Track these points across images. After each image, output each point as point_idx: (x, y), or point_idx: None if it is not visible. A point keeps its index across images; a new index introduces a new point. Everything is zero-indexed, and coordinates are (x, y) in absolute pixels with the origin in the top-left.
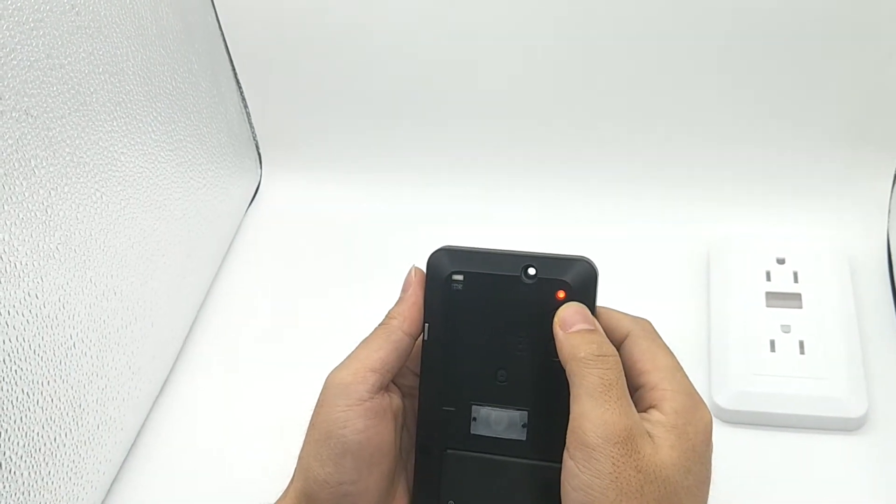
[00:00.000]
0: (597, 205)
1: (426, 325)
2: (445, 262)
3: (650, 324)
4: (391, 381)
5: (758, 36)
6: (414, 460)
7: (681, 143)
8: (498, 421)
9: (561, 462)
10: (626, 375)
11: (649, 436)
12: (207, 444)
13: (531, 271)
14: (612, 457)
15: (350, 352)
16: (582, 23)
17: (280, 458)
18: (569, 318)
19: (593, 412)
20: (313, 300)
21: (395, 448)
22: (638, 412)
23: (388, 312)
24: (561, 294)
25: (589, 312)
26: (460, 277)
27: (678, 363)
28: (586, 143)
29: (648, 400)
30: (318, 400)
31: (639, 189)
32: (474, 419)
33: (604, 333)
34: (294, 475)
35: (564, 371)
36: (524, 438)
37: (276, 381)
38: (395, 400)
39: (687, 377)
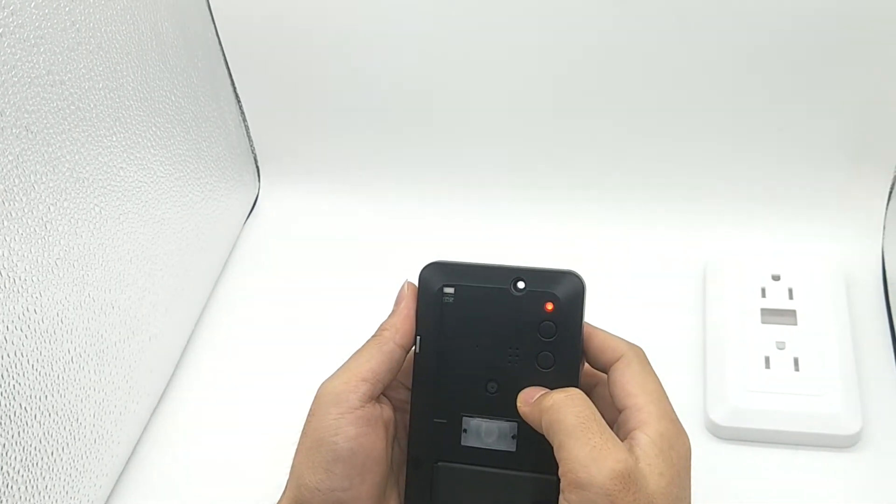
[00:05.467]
0: (592, 220)
1: (418, 337)
2: (436, 276)
3: (643, 351)
4: (383, 395)
5: (755, 53)
6: (405, 473)
7: (677, 159)
8: (488, 432)
9: (550, 474)
10: (613, 395)
11: (638, 465)
12: (204, 457)
13: (520, 284)
14: (609, 492)
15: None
16: (580, 38)
17: (277, 472)
18: (525, 393)
19: (580, 452)
20: (310, 313)
21: (387, 458)
22: (622, 432)
23: (381, 325)
24: (549, 306)
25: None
26: (451, 290)
27: (665, 392)
28: (582, 158)
29: (633, 421)
30: (310, 409)
31: (635, 205)
32: (465, 431)
33: None
34: (287, 485)
35: (555, 384)
36: (514, 450)
37: (274, 394)
38: (387, 411)
39: (671, 406)
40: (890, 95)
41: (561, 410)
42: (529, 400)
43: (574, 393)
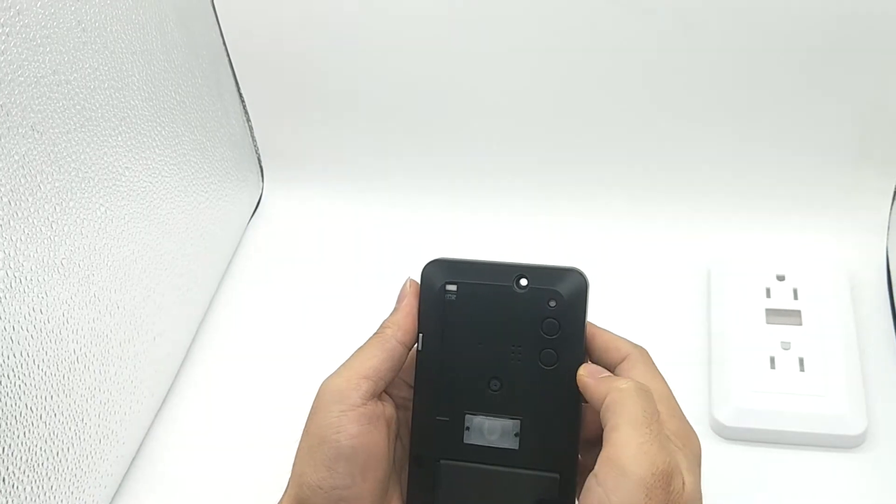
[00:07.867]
0: (597, 221)
1: (420, 335)
2: (439, 273)
3: (647, 352)
4: (385, 392)
5: (759, 55)
6: (408, 471)
7: (682, 160)
8: (491, 430)
9: (553, 472)
10: None
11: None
12: (208, 457)
13: (523, 281)
14: (648, 488)
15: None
16: (585, 39)
17: (281, 472)
18: (594, 368)
19: (634, 441)
20: (314, 313)
21: (389, 456)
22: None
23: (383, 322)
24: (552, 304)
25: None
26: (453, 288)
27: (672, 392)
28: (587, 158)
29: None
30: (312, 407)
31: (640, 206)
32: (467, 428)
33: None
34: (288, 484)
35: (558, 381)
36: (517, 447)
37: (277, 393)
38: (389, 409)
39: (679, 406)
40: (895, 96)
41: (633, 398)
42: (596, 374)
43: (647, 388)
